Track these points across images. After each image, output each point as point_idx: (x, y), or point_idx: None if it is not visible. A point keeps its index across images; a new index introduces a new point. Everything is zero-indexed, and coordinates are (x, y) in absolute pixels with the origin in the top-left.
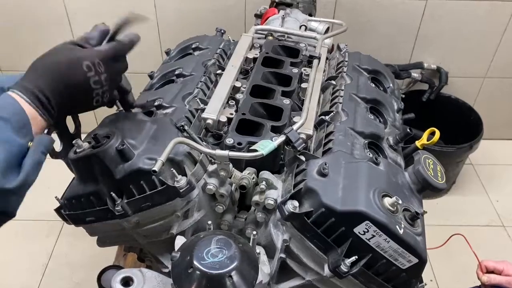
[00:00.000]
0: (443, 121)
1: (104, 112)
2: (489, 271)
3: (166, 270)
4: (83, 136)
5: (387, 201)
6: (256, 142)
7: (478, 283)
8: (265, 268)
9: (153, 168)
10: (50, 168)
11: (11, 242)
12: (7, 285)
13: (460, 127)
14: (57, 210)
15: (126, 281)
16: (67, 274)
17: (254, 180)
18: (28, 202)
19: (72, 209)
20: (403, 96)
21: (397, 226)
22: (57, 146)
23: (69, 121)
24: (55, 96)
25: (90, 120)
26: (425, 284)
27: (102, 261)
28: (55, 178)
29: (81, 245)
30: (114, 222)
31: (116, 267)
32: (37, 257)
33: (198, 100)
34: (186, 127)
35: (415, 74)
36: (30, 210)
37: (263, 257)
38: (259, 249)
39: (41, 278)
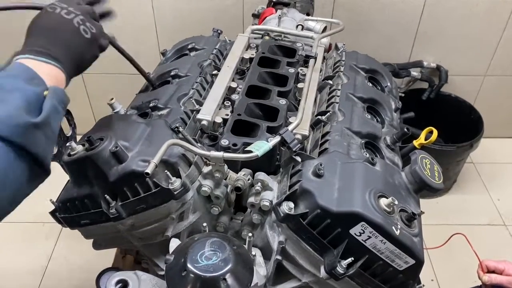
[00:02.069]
0: (443, 119)
1: (101, 113)
2: (490, 271)
3: (162, 273)
4: (78, 137)
5: (383, 201)
6: (252, 143)
7: (479, 283)
8: (261, 270)
9: (146, 171)
10: None
11: (10, 245)
12: (6, 287)
13: (461, 126)
14: (52, 213)
15: (122, 284)
16: (66, 276)
17: (249, 181)
18: (27, 204)
19: (67, 212)
20: (403, 95)
21: (393, 227)
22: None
23: (64, 124)
24: (51, 43)
25: (87, 121)
26: (423, 286)
27: (101, 263)
28: (54, 180)
29: (80, 247)
30: (109, 224)
31: (115, 269)
32: (36, 259)
33: (193, 101)
34: (180, 129)
35: (415, 72)
36: (29, 213)
37: (259, 259)
38: (255, 251)
39: (40, 280)
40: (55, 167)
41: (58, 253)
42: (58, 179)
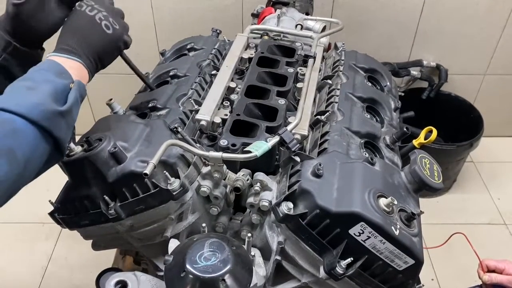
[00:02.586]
0: (443, 119)
1: (101, 113)
2: (490, 270)
3: (162, 274)
4: (78, 138)
5: (383, 201)
6: (251, 143)
7: (480, 282)
8: (261, 271)
9: (145, 171)
10: (49, 170)
11: (10, 245)
12: (7, 287)
13: (461, 125)
14: (51, 214)
15: (121, 285)
16: (66, 276)
17: (248, 181)
18: (27, 205)
19: (66, 213)
20: (402, 94)
21: (392, 227)
22: None
23: None
24: (75, 41)
25: (87, 122)
26: (423, 285)
27: (101, 263)
28: (54, 181)
29: (80, 248)
30: (108, 225)
31: (115, 269)
32: (36, 259)
33: (192, 101)
34: (179, 129)
35: (415, 72)
36: (29, 213)
37: (258, 260)
38: (254, 252)
39: (40, 281)
40: (55, 167)
41: (58, 253)
42: (57, 180)
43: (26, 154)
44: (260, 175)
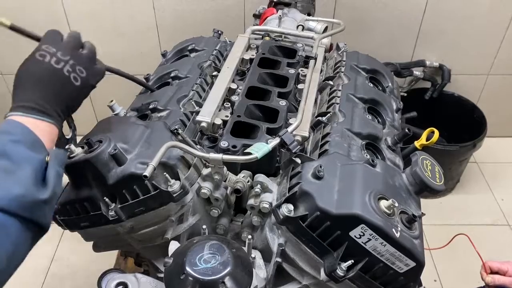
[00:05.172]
0: (446, 119)
1: (104, 114)
2: (493, 272)
3: (162, 275)
4: (79, 139)
5: (383, 203)
6: (251, 145)
7: (483, 284)
8: (261, 273)
9: (144, 173)
10: None
11: None
12: None
13: (464, 125)
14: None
15: (122, 287)
16: (69, 277)
17: (249, 183)
18: None
19: (67, 215)
20: (405, 94)
21: (393, 229)
22: None
23: (64, 126)
24: (43, 97)
25: (90, 122)
26: (424, 287)
27: (103, 264)
28: None
29: (82, 249)
30: (108, 227)
31: (117, 270)
32: (39, 260)
33: (193, 102)
34: (180, 131)
35: (417, 72)
36: None
37: (259, 261)
38: (255, 253)
39: (43, 282)
40: None
41: (60, 254)
42: (64, 180)
43: (9, 250)
44: (260, 177)
